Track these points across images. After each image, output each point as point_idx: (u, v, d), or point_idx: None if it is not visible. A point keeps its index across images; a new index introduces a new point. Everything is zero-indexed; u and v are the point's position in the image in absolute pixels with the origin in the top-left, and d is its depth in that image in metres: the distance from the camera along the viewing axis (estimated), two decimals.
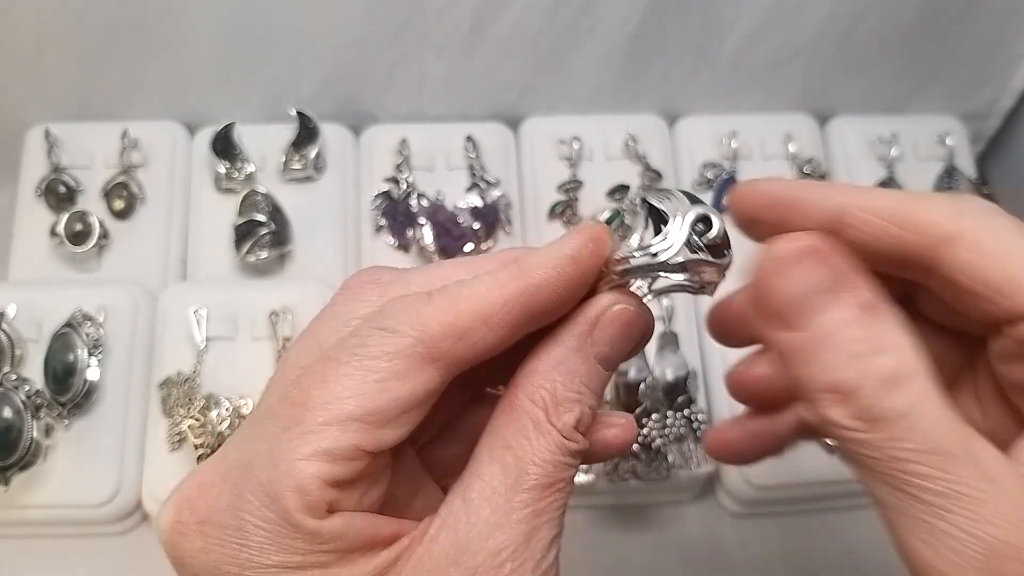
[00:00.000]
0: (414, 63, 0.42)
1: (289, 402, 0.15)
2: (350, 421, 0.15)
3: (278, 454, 0.15)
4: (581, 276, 0.16)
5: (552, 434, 0.16)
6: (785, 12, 0.41)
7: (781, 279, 0.15)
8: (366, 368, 0.15)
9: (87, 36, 0.39)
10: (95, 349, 0.36)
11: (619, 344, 0.17)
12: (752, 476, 0.36)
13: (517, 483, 0.15)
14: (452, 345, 0.15)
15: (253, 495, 0.14)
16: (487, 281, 0.16)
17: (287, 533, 0.14)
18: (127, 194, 0.41)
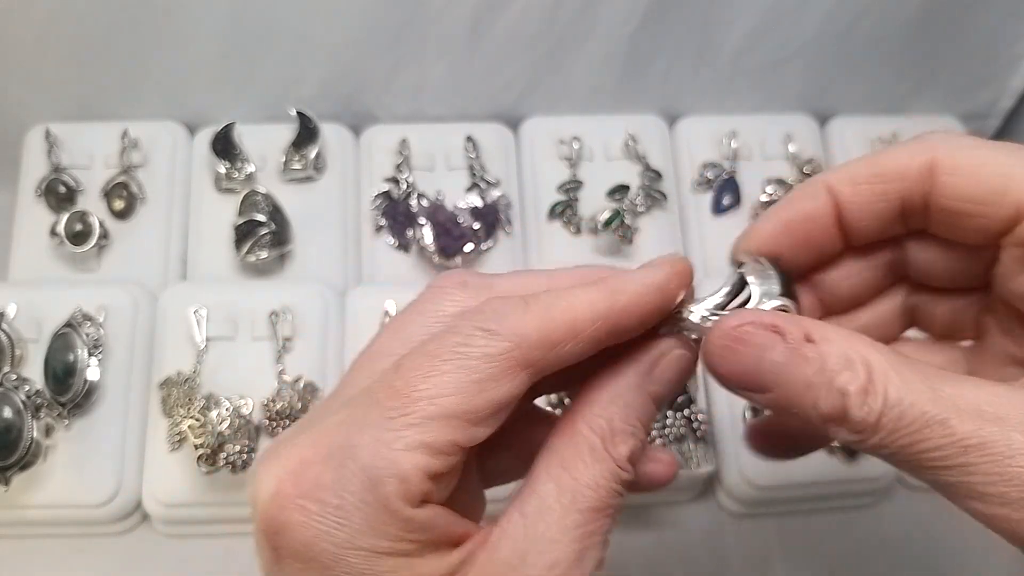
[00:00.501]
0: (414, 63, 0.42)
1: (392, 391, 0.16)
2: (451, 417, 0.15)
3: (383, 442, 0.15)
4: (664, 306, 0.17)
5: (607, 461, 0.17)
6: (785, 12, 0.41)
7: (732, 362, 0.17)
8: (467, 368, 0.16)
9: (87, 36, 0.39)
10: (95, 349, 0.36)
11: (673, 386, 0.18)
12: (752, 476, 0.36)
13: (572, 503, 0.16)
14: (544, 354, 0.16)
15: (356, 477, 0.15)
16: (580, 296, 0.17)
17: (383, 519, 0.15)
18: (127, 194, 0.41)
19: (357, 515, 0.15)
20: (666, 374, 0.18)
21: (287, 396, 0.36)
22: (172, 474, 0.35)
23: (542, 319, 0.16)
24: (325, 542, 0.15)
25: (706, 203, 0.43)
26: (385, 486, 0.15)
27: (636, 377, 0.18)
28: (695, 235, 0.43)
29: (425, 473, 0.15)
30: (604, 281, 0.17)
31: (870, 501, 0.38)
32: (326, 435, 0.16)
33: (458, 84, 0.43)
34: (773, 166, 0.44)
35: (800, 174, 0.43)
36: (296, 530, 0.15)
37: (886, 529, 0.38)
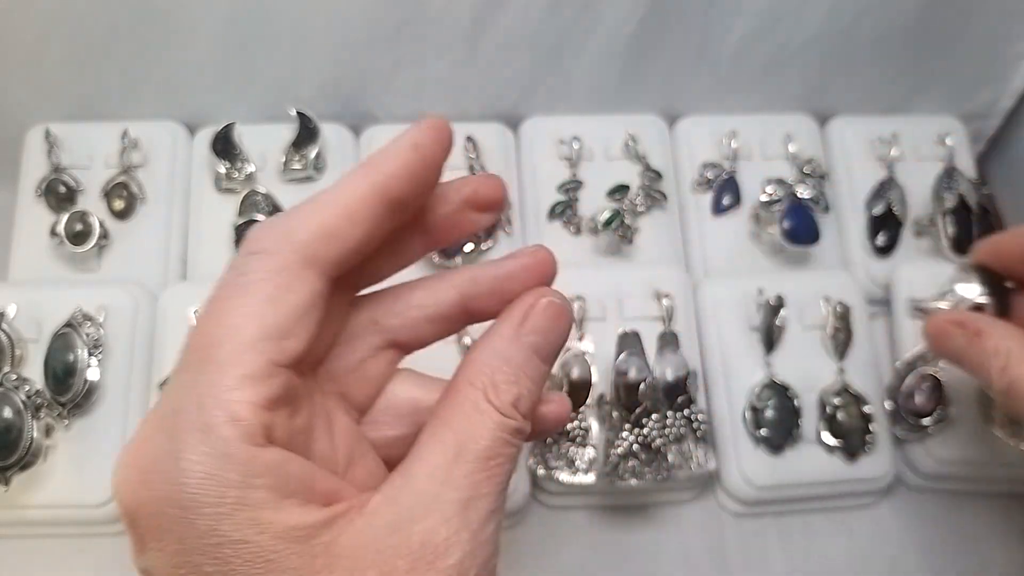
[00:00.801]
0: (414, 63, 0.42)
1: (196, 347, 0.16)
2: (256, 341, 0.15)
3: (203, 391, 0.15)
4: (425, 163, 0.18)
5: (490, 411, 0.17)
6: (785, 12, 0.41)
7: (937, 343, 0.29)
8: (253, 292, 0.16)
9: (87, 36, 0.39)
10: (95, 349, 0.36)
11: (550, 335, 0.18)
12: (752, 476, 0.36)
13: (456, 459, 0.16)
14: (323, 246, 0.16)
15: (188, 435, 0.15)
16: (342, 184, 0.17)
17: (224, 466, 0.15)
18: (127, 194, 0.41)
19: (197, 472, 0.15)
20: (538, 323, 0.18)
21: None
22: None
23: (306, 216, 0.16)
24: (172, 508, 0.15)
25: (706, 203, 0.43)
26: (217, 429, 0.15)
27: (509, 329, 0.18)
28: (695, 235, 0.43)
29: (253, 404, 0.15)
30: (364, 161, 0.18)
31: (870, 501, 0.38)
32: (156, 413, 0.16)
33: (458, 84, 0.43)
34: (773, 166, 0.44)
35: (800, 174, 0.43)
36: (146, 507, 0.15)
37: (886, 529, 0.38)
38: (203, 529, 0.15)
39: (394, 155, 0.17)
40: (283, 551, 0.15)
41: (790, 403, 0.37)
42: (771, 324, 0.38)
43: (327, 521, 0.16)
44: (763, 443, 0.36)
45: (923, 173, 0.43)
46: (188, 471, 0.15)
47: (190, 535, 0.15)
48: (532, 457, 0.36)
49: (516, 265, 0.20)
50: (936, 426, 0.37)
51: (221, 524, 0.15)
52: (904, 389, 0.38)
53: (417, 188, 0.18)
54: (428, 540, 0.15)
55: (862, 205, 0.43)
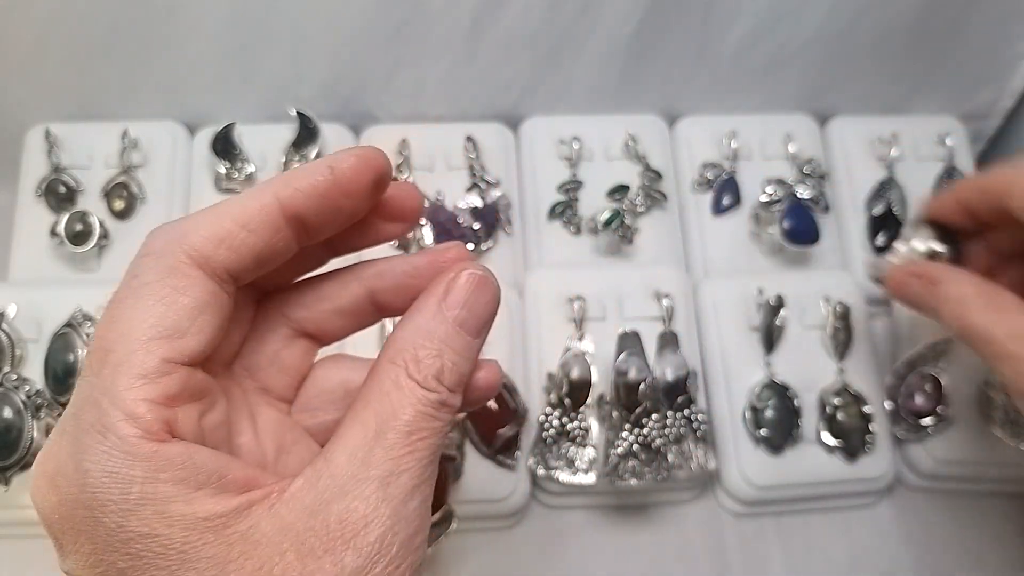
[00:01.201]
0: (414, 64, 0.42)
1: (92, 354, 0.16)
2: (149, 341, 0.15)
3: (99, 394, 0.15)
4: (339, 186, 0.17)
5: (411, 386, 0.17)
6: (784, 13, 0.41)
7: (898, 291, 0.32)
8: (144, 295, 0.16)
9: (87, 36, 0.39)
10: None
11: (476, 308, 0.18)
12: (752, 476, 0.36)
13: (377, 437, 0.16)
14: (215, 250, 0.16)
15: (88, 436, 0.15)
16: (247, 192, 0.17)
17: (126, 463, 0.15)
18: (127, 194, 0.41)
19: (99, 471, 0.15)
20: (460, 295, 0.18)
21: None
22: None
23: (201, 221, 0.16)
24: (80, 509, 0.15)
25: (706, 203, 0.43)
26: (115, 428, 0.15)
27: (432, 304, 0.18)
28: (695, 235, 0.43)
29: (150, 401, 0.15)
30: (278, 174, 0.18)
31: (870, 501, 0.38)
32: (61, 422, 0.16)
33: (458, 84, 0.43)
34: (773, 166, 0.44)
35: (800, 174, 0.43)
36: (57, 511, 0.15)
37: (886, 529, 0.38)
38: (111, 527, 0.15)
39: (307, 172, 0.17)
40: (196, 542, 0.15)
41: (790, 403, 0.37)
42: (771, 324, 0.38)
43: (242, 508, 0.15)
44: (763, 443, 0.36)
45: (923, 173, 0.43)
46: (89, 471, 0.15)
47: (100, 534, 0.15)
48: (532, 457, 0.36)
49: (424, 261, 0.19)
50: (936, 426, 0.37)
51: (128, 520, 0.15)
52: (904, 389, 0.38)
53: (325, 209, 0.17)
54: (346, 518, 0.15)
55: (862, 205, 0.43)
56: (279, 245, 0.17)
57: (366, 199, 0.18)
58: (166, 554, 0.15)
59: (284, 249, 0.17)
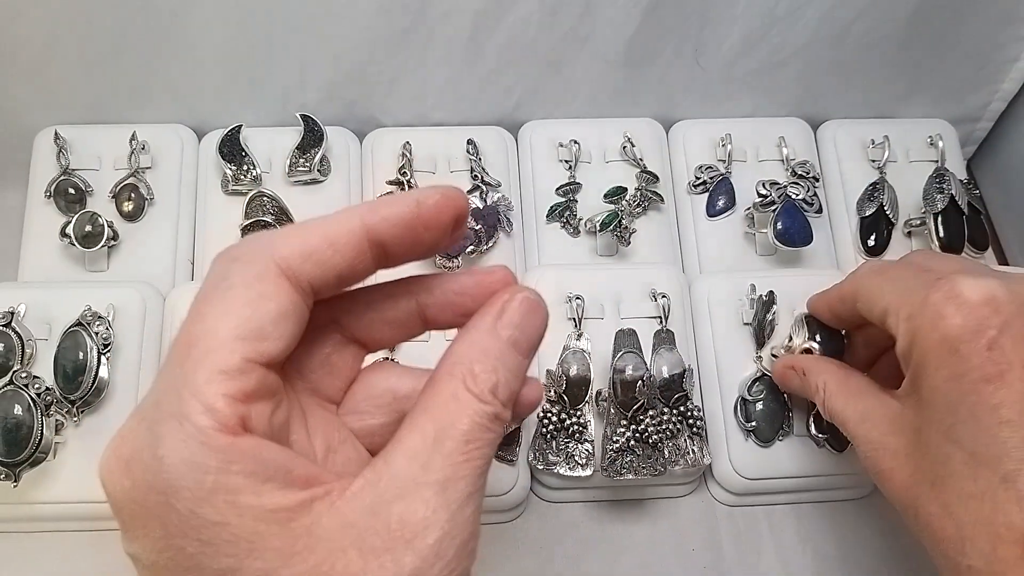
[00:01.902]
0: (416, 69, 0.42)
1: (177, 346, 0.17)
2: (232, 340, 0.16)
3: (181, 384, 0.16)
4: (423, 221, 0.18)
5: (468, 398, 0.17)
6: (778, 19, 0.42)
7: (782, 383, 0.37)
8: (232, 296, 0.17)
9: (96, 40, 0.40)
10: (104, 348, 0.36)
11: (527, 329, 0.19)
12: (742, 468, 0.37)
13: (436, 443, 0.17)
14: (302, 264, 0.17)
15: (166, 425, 0.16)
16: (336, 214, 0.18)
17: (201, 453, 0.15)
18: (136, 196, 0.41)
19: (174, 460, 0.15)
20: (514, 317, 0.19)
21: None
22: None
23: (293, 235, 0.17)
24: (154, 495, 0.15)
25: (701, 205, 0.44)
26: (194, 419, 0.15)
27: (487, 322, 0.18)
28: (690, 236, 0.43)
29: (229, 396, 0.16)
30: (368, 201, 0.19)
31: (861, 493, 0.39)
32: (138, 409, 0.17)
33: (459, 89, 0.44)
34: (767, 168, 0.44)
35: (793, 176, 0.44)
36: (129, 494, 0.16)
37: (878, 521, 0.39)
38: (184, 513, 0.15)
39: (394, 203, 0.18)
40: (264, 532, 0.15)
41: (780, 396, 0.38)
42: (763, 319, 0.39)
43: (306, 503, 0.16)
44: (753, 435, 0.37)
45: (914, 175, 0.44)
46: (166, 458, 0.15)
47: (172, 519, 0.15)
48: (532, 452, 0.36)
49: (471, 281, 0.20)
50: None
51: (201, 508, 0.15)
52: None
53: (407, 239, 0.18)
54: (407, 519, 0.16)
55: (854, 207, 0.44)
56: (359, 267, 0.18)
57: (445, 234, 0.19)
58: (235, 542, 0.15)
59: (363, 271, 0.18)
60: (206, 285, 0.17)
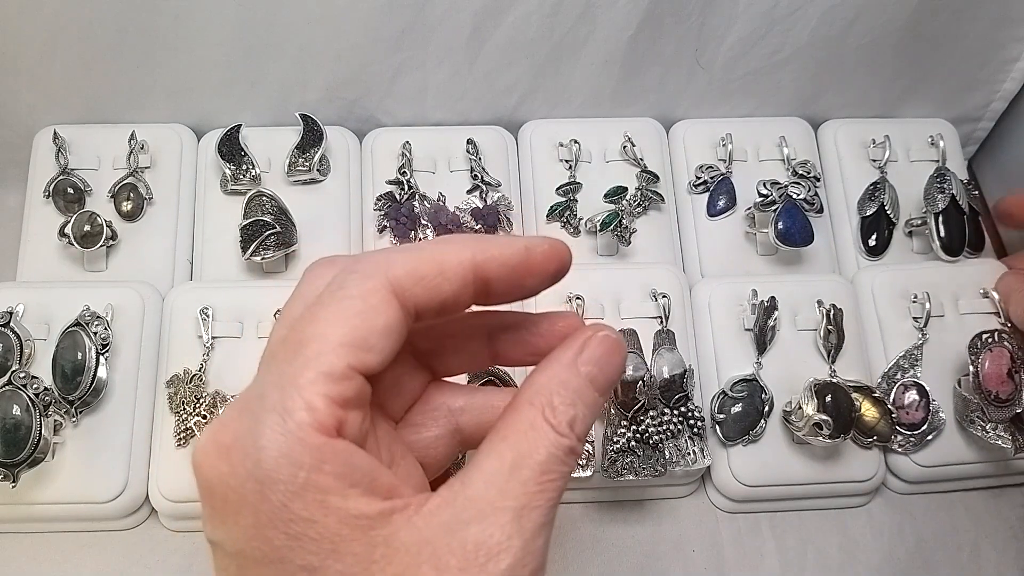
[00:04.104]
0: (416, 69, 0.42)
1: (287, 344, 0.17)
2: (340, 347, 0.17)
3: (287, 381, 0.16)
4: (529, 266, 0.19)
5: (546, 429, 0.18)
6: (778, 19, 0.42)
7: None
8: (346, 306, 0.17)
9: (96, 40, 0.40)
10: (103, 348, 0.36)
11: (605, 368, 0.19)
12: (740, 474, 0.37)
13: (512, 472, 0.17)
14: (412, 286, 0.18)
15: (269, 418, 0.16)
16: (449, 243, 0.19)
17: (297, 449, 0.16)
18: (135, 196, 0.41)
19: (273, 451, 0.16)
20: (595, 354, 0.19)
21: None
22: (179, 470, 0.35)
23: (407, 258, 0.18)
24: (251, 484, 0.16)
25: (702, 205, 0.44)
26: (296, 416, 0.16)
27: (567, 357, 0.19)
28: (691, 236, 0.43)
29: (330, 399, 0.16)
30: (480, 236, 0.19)
31: (861, 501, 0.39)
32: (241, 399, 0.17)
33: (459, 89, 0.44)
34: (767, 168, 0.44)
35: (794, 176, 0.44)
36: (225, 479, 0.16)
37: (878, 525, 0.39)
38: (276, 504, 0.16)
39: (505, 244, 0.19)
40: (347, 536, 0.16)
41: (759, 404, 0.37)
42: (764, 325, 0.39)
43: (386, 513, 0.17)
44: (719, 428, 0.37)
45: (915, 175, 0.44)
46: (265, 448, 0.16)
47: (264, 509, 0.16)
48: None
49: (546, 324, 0.21)
50: (931, 432, 0.38)
51: (292, 502, 0.16)
52: (894, 401, 0.38)
53: (511, 281, 0.19)
54: (482, 542, 0.16)
55: (855, 207, 0.44)
56: (462, 299, 0.19)
57: (547, 282, 0.20)
58: (320, 540, 0.16)
59: (464, 303, 0.19)
60: (324, 291, 0.18)
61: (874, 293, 0.41)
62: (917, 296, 0.40)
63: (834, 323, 0.39)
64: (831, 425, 0.34)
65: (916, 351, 0.39)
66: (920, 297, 0.40)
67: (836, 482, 0.37)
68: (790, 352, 0.39)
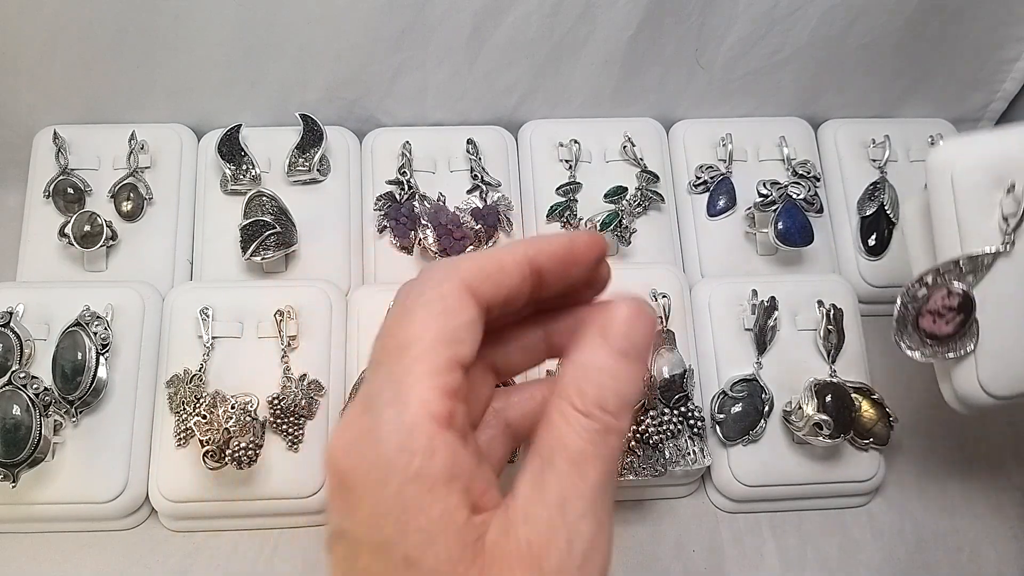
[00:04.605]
0: (416, 69, 0.42)
1: (389, 350, 0.19)
2: (437, 343, 0.19)
3: (397, 379, 0.18)
4: (572, 255, 0.21)
5: (575, 416, 0.19)
6: (778, 19, 0.42)
7: None
8: (432, 308, 0.19)
9: (96, 41, 0.40)
10: (103, 348, 0.36)
11: (634, 338, 0.20)
12: (740, 474, 0.37)
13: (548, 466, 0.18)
14: (481, 283, 0.20)
15: (386, 413, 0.18)
16: (506, 246, 0.21)
17: (411, 437, 0.17)
18: (135, 196, 0.41)
19: (392, 443, 0.17)
20: (620, 327, 0.20)
21: (292, 393, 0.36)
22: (179, 470, 0.35)
23: (472, 259, 0.20)
24: (372, 475, 0.18)
25: (702, 204, 0.44)
26: (410, 408, 0.18)
27: (594, 336, 0.20)
28: (691, 236, 0.43)
29: (439, 390, 0.18)
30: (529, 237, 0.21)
31: (861, 501, 0.39)
32: (359, 401, 0.19)
33: (458, 89, 0.44)
34: (767, 168, 0.44)
35: (794, 176, 0.44)
36: (352, 473, 0.18)
37: (877, 527, 0.39)
38: (392, 492, 0.17)
39: (552, 240, 0.21)
40: (445, 528, 0.17)
41: (759, 404, 0.37)
42: (764, 326, 0.39)
43: (477, 510, 0.18)
44: (719, 428, 0.37)
45: (914, 174, 0.44)
46: (384, 440, 0.17)
47: (382, 498, 0.17)
48: None
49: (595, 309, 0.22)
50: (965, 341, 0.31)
51: (404, 490, 0.17)
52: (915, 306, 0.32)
53: (559, 270, 0.21)
54: (532, 541, 0.17)
55: (855, 206, 0.44)
56: (522, 291, 0.20)
57: (590, 270, 0.22)
58: (421, 532, 0.17)
59: (524, 296, 0.21)
60: (407, 299, 0.20)
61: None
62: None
63: (834, 323, 0.39)
64: (831, 425, 0.34)
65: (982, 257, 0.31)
66: None
67: (836, 482, 0.37)
68: (790, 352, 0.39)
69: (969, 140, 0.32)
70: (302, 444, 0.36)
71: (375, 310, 0.38)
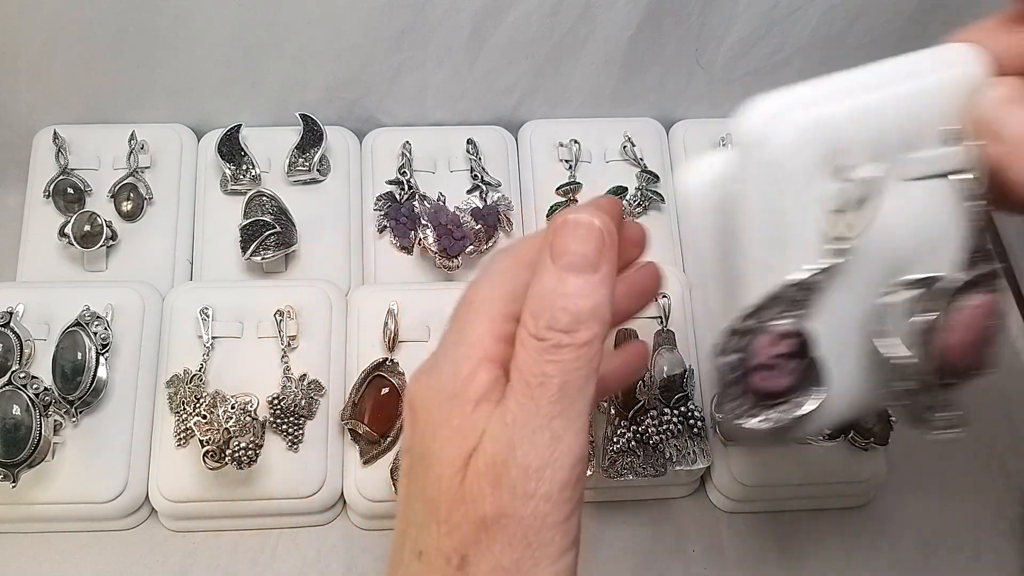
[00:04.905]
0: (416, 69, 0.42)
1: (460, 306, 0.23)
2: (498, 300, 0.22)
3: (463, 327, 0.22)
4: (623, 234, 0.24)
5: (528, 341, 0.20)
6: (778, 18, 0.42)
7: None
8: (497, 275, 0.23)
9: (96, 40, 0.40)
10: (103, 348, 0.36)
11: (575, 247, 0.21)
12: (739, 474, 0.37)
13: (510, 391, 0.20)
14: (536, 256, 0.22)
15: (450, 351, 0.22)
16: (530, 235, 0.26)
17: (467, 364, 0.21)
18: (135, 196, 0.41)
19: (449, 371, 0.21)
20: (559, 244, 0.21)
21: (292, 393, 0.36)
22: (179, 470, 0.35)
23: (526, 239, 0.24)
24: (429, 397, 0.21)
25: None
26: (465, 345, 0.21)
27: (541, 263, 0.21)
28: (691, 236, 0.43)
29: (493, 335, 0.21)
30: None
31: (861, 501, 0.39)
32: (436, 348, 0.23)
33: (459, 89, 0.44)
34: None
35: None
36: (415, 399, 0.22)
37: (877, 527, 0.39)
38: (436, 408, 0.21)
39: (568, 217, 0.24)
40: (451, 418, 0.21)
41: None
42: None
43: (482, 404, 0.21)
44: (718, 427, 0.37)
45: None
46: (444, 371, 0.21)
47: (431, 414, 0.21)
48: None
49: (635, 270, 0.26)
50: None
51: (444, 405, 0.21)
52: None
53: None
54: (496, 458, 0.20)
55: None
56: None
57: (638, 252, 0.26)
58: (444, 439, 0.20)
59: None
60: (480, 272, 0.23)
61: None
62: None
63: None
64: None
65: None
66: None
67: (836, 482, 0.37)
68: None
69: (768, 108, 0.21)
70: (302, 444, 0.36)
71: (375, 310, 0.38)
